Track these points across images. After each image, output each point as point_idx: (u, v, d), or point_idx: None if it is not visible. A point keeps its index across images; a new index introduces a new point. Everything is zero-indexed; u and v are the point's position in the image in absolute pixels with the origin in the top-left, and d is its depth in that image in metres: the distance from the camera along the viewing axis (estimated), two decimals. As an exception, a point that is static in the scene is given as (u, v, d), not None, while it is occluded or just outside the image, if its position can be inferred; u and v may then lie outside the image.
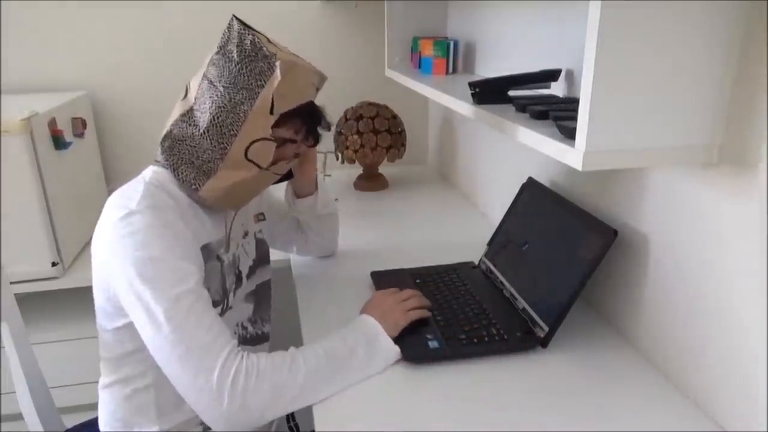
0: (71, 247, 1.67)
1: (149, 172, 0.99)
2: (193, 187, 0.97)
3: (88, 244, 1.76)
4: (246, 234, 1.14)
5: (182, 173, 0.96)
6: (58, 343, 1.70)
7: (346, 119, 1.87)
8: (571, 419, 0.85)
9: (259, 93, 0.94)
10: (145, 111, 2.05)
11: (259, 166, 0.98)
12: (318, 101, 1.07)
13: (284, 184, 1.24)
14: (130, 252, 0.87)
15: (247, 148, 0.95)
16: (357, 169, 2.00)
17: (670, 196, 0.91)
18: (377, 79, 2.12)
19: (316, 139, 1.12)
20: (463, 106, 1.13)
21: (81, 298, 1.69)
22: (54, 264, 1.56)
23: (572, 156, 0.75)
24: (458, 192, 1.94)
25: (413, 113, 2.20)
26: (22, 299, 1.15)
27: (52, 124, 1.58)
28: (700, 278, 0.86)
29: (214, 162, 0.96)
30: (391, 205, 1.82)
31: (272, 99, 0.94)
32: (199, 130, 0.96)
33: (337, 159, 1.90)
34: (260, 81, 0.94)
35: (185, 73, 2.00)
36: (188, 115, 0.97)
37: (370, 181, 1.96)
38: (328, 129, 1.12)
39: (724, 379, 0.82)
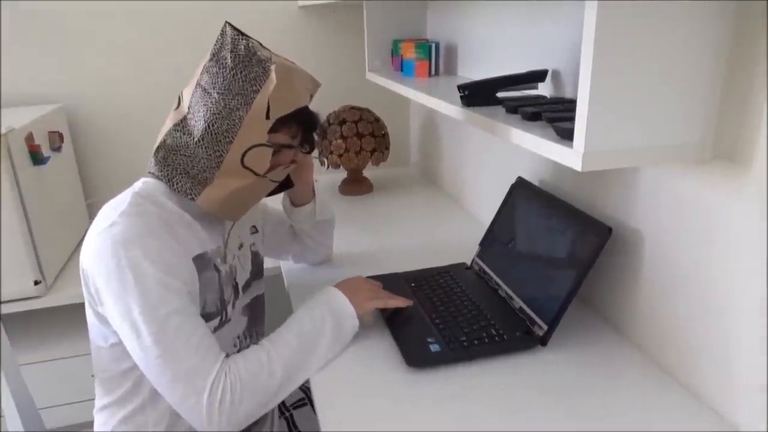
0: (53, 265, 1.62)
1: (140, 183, 0.98)
2: (190, 197, 0.95)
3: (70, 261, 1.73)
4: (241, 246, 1.12)
5: (177, 183, 0.95)
6: (44, 363, 1.65)
7: (329, 124, 1.86)
8: (574, 417, 0.86)
9: (254, 98, 0.93)
10: (122, 122, 2.01)
11: (255, 174, 0.96)
12: None
13: (279, 195, 1.23)
14: (113, 265, 0.85)
15: (244, 155, 0.94)
16: (341, 174, 1.99)
17: (662, 193, 0.93)
18: (356, 83, 2.12)
19: (312, 146, 1.11)
20: (453, 109, 1.13)
21: (66, 316, 1.65)
22: (36, 282, 1.52)
23: (571, 157, 0.76)
24: (443, 193, 1.95)
25: (394, 115, 2.20)
26: (6, 320, 1.12)
27: (29, 138, 1.54)
28: (695, 272, 0.88)
29: (209, 170, 0.94)
30: (378, 208, 1.82)
31: (268, 103, 0.93)
32: (193, 138, 0.94)
33: (322, 164, 1.89)
34: (255, 86, 0.93)
35: (160, 83, 2.01)
36: (182, 124, 0.96)
37: (355, 185, 1.96)
38: (323, 137, 1.12)
39: (723, 371, 0.84)
